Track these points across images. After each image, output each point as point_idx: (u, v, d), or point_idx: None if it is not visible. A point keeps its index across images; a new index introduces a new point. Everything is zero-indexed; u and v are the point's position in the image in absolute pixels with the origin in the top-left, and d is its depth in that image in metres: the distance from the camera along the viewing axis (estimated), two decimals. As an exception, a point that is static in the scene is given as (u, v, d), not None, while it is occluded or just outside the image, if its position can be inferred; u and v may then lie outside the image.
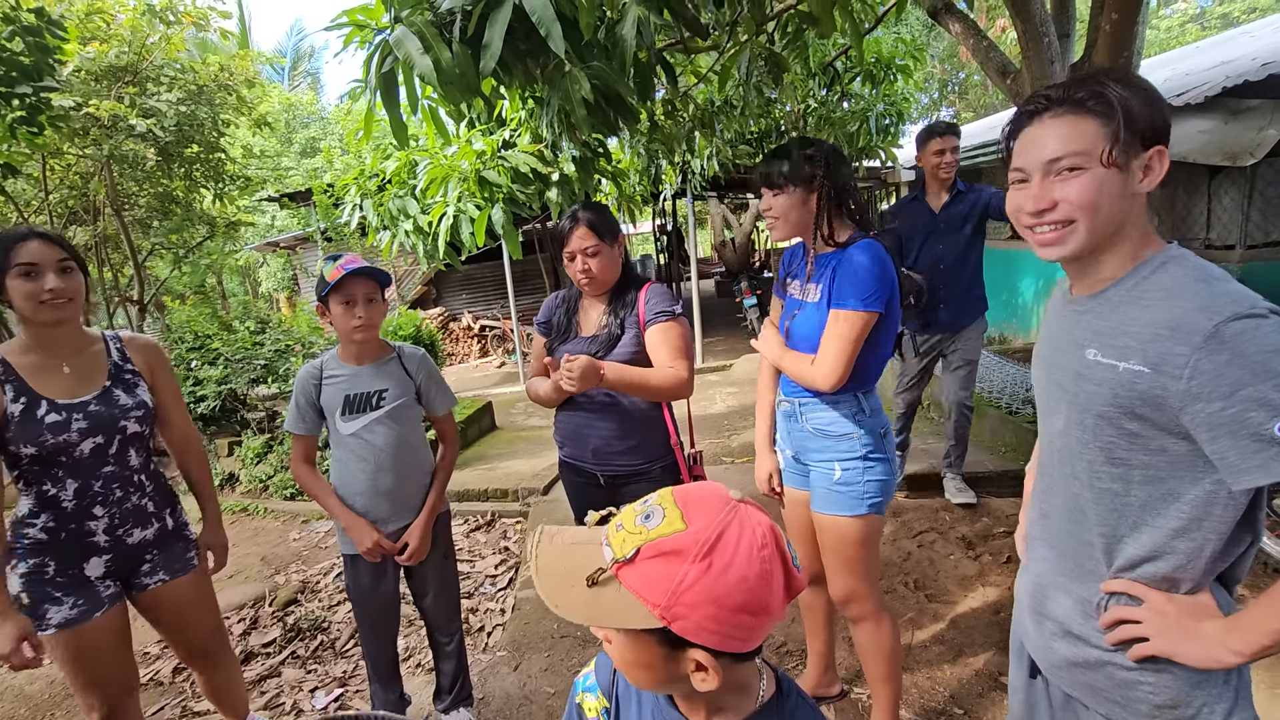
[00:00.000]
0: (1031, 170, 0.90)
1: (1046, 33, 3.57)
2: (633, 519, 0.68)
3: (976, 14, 7.92)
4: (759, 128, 6.06)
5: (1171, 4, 19.51)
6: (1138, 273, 0.89)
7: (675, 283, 11.46)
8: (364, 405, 1.86)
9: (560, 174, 3.29)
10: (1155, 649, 0.87)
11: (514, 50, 1.66)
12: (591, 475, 1.92)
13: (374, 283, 1.81)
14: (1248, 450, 0.77)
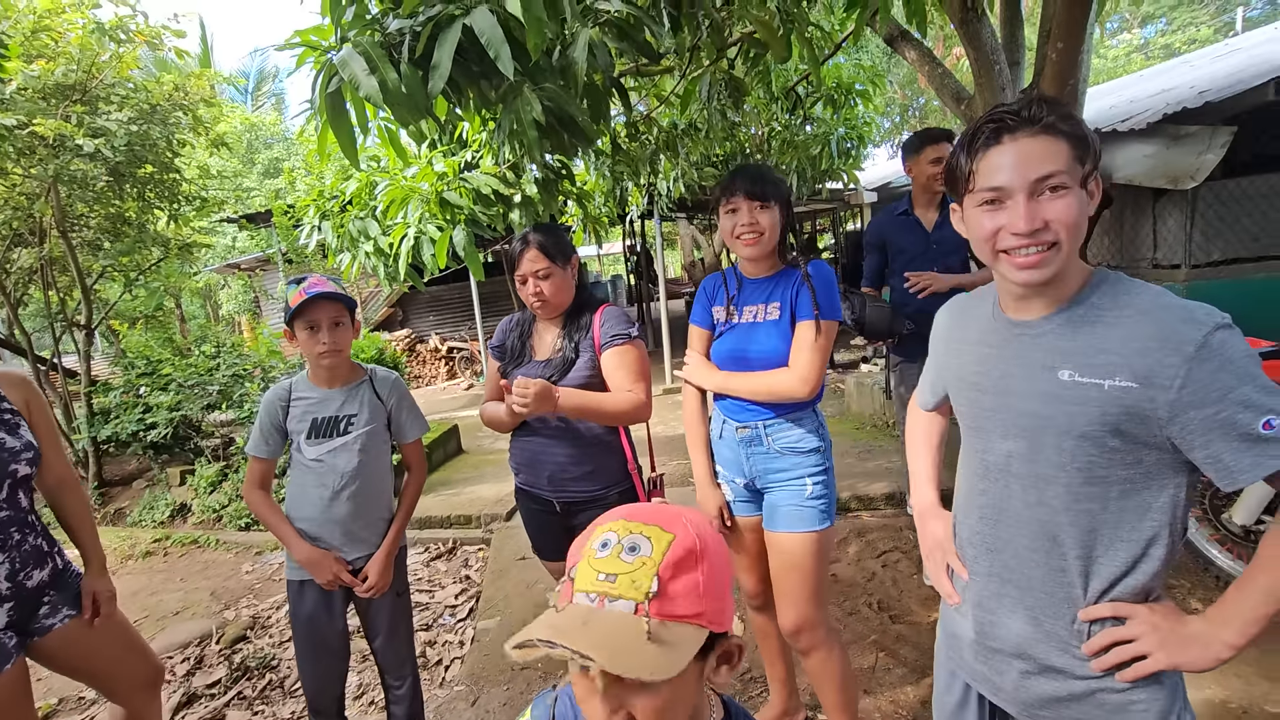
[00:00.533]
0: (1015, 188, 0.87)
1: (998, 61, 3.69)
2: (617, 561, 0.66)
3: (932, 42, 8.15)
4: (724, 150, 6.13)
5: (1117, 35, 20.47)
6: (1088, 293, 0.91)
7: (645, 303, 11.48)
8: (330, 430, 1.81)
9: (523, 195, 3.27)
10: (1160, 663, 0.87)
11: (465, 71, 1.64)
12: (547, 502, 1.87)
13: (339, 306, 1.75)
14: (1240, 450, 0.81)
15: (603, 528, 0.70)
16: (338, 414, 1.82)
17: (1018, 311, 0.97)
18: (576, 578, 0.66)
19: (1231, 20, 16.84)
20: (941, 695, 1.15)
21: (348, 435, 1.82)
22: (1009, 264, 0.90)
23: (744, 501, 1.79)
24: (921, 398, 1.26)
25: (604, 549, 0.67)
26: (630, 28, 1.86)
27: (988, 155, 0.89)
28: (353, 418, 1.83)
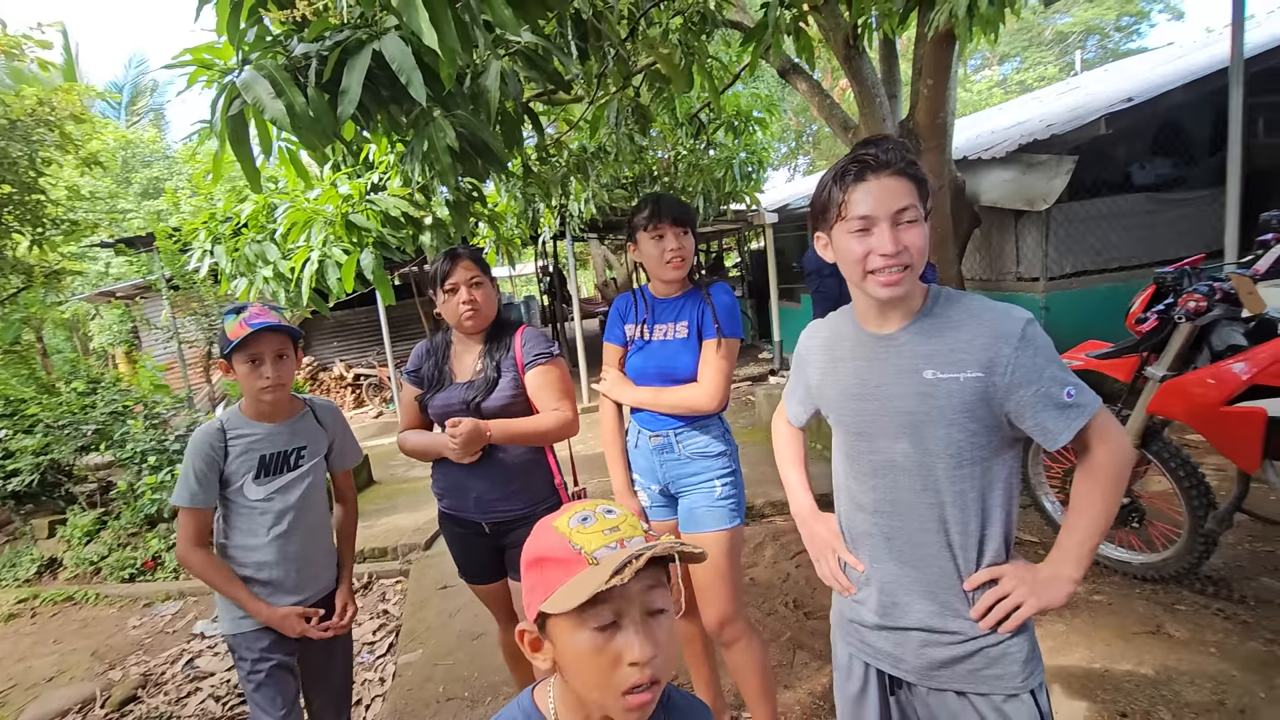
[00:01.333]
0: (880, 217, 1.01)
1: (878, 93, 4.03)
2: (605, 519, 0.76)
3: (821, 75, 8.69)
4: (633, 173, 6.31)
5: (980, 71, 22.63)
6: (930, 305, 1.09)
7: (559, 323, 11.48)
8: (281, 465, 1.73)
9: (434, 217, 3.24)
10: (1032, 608, 1.03)
11: (375, 96, 1.65)
12: (474, 525, 1.87)
13: (284, 338, 1.67)
14: (1055, 416, 1.01)
15: (568, 514, 0.77)
16: (287, 448, 1.74)
17: (879, 326, 1.12)
18: (584, 544, 0.72)
19: (1072, 61, 19.09)
20: (842, 682, 1.24)
21: (300, 469, 1.75)
22: (875, 282, 1.04)
23: (660, 507, 1.88)
24: (794, 415, 1.35)
25: (588, 520, 0.75)
26: (539, 57, 1.93)
27: (857, 189, 1.02)
28: (302, 450, 1.76)
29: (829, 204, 1.06)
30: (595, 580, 0.68)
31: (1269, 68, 4.49)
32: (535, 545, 0.77)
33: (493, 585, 1.96)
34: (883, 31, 3.97)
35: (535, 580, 0.75)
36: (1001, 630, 1.05)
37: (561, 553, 0.73)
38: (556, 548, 0.74)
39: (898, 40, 4.39)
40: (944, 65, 3.50)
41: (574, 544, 0.73)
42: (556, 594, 0.71)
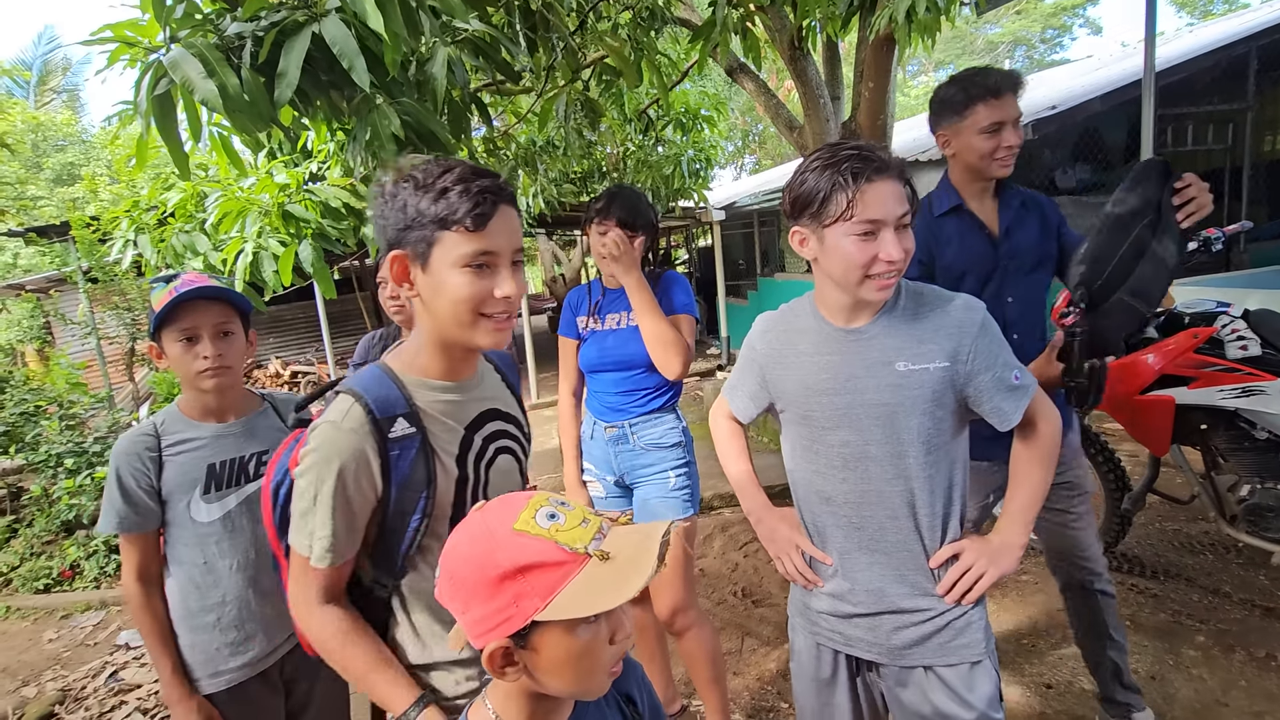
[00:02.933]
0: (888, 221, 1.00)
1: (822, 95, 4.13)
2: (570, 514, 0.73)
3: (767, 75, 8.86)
4: (582, 168, 6.29)
5: (917, 77, 23.48)
6: (895, 298, 1.12)
7: (507, 319, 11.33)
8: (238, 476, 1.39)
9: (376, 209, 3.15)
10: (993, 577, 1.10)
11: (315, 80, 1.59)
12: None
13: (226, 308, 1.36)
14: (1007, 398, 1.09)
15: (529, 511, 0.72)
16: (244, 452, 1.40)
17: (849, 321, 1.13)
18: (575, 542, 0.69)
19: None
20: (809, 674, 1.25)
21: (261, 479, 1.37)
22: (873, 286, 1.04)
23: (615, 498, 1.90)
24: (742, 411, 1.32)
25: (558, 518, 0.72)
26: (488, 46, 1.90)
27: (866, 190, 1.00)
28: (264, 455, 1.41)
29: (828, 201, 1.02)
30: (640, 572, 0.67)
31: (1177, 81, 4.82)
32: (504, 554, 0.69)
33: None
34: (826, 34, 4.07)
35: (516, 591, 0.68)
36: (965, 601, 1.11)
37: (553, 555, 0.68)
38: (543, 551, 0.68)
39: (840, 44, 4.51)
40: (884, 69, 3.61)
41: (564, 544, 0.69)
42: (568, 596, 0.66)
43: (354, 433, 0.89)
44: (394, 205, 0.89)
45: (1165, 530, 2.92)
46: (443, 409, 0.97)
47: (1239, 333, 1.86)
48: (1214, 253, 2.62)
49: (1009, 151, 1.54)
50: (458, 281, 0.88)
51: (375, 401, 0.91)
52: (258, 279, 2.82)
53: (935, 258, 1.66)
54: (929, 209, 1.69)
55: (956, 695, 1.10)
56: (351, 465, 0.88)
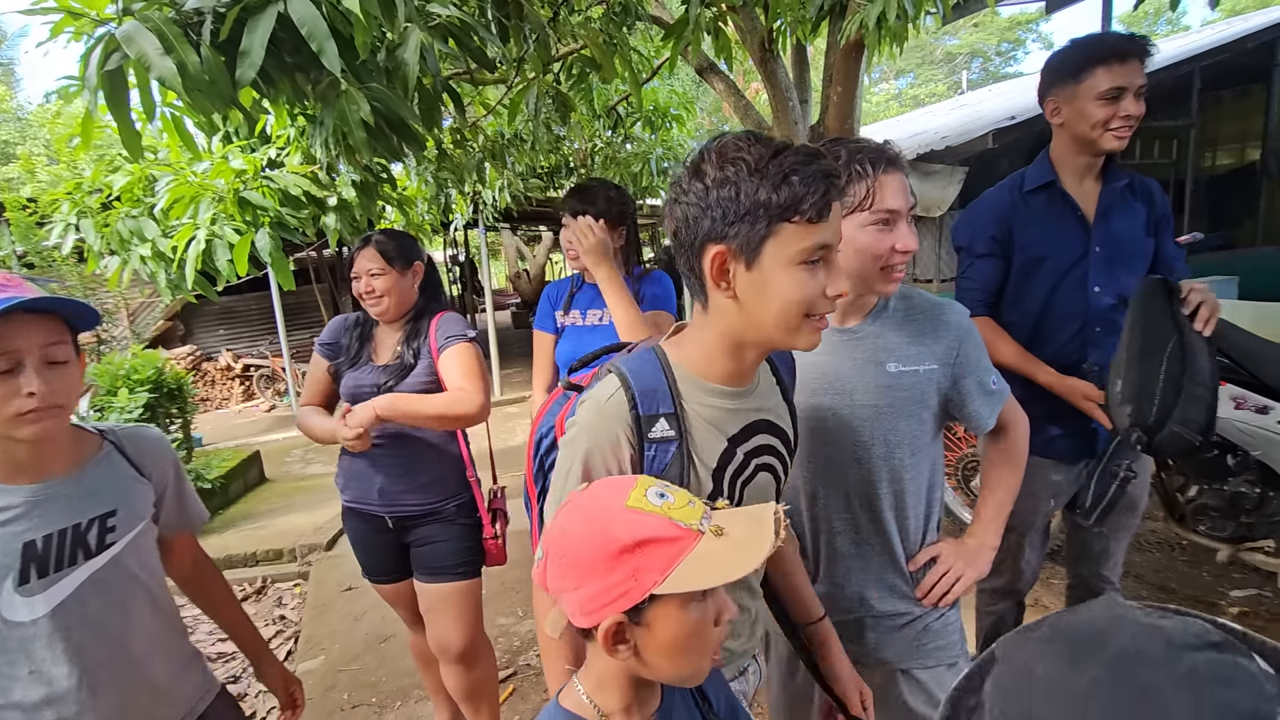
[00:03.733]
0: (903, 212, 1.02)
1: (790, 98, 4.16)
2: (679, 493, 0.74)
3: (735, 76, 8.97)
4: (549, 163, 6.23)
5: (879, 84, 23.98)
6: (886, 299, 1.12)
7: (470, 314, 11.17)
8: (70, 554, 1.01)
9: (338, 198, 3.06)
10: (971, 579, 1.12)
11: (279, 62, 1.53)
12: (378, 519, 1.78)
13: (58, 325, 0.99)
14: (984, 402, 1.11)
15: (639, 490, 0.73)
16: (78, 520, 1.02)
17: (842, 321, 1.12)
18: (684, 518, 0.70)
19: (959, 80, 20.58)
20: (785, 678, 1.25)
21: (106, 552, 1.04)
22: (887, 277, 1.04)
23: None
24: None
25: (667, 497, 0.72)
26: (460, 32, 1.85)
27: (884, 179, 1.01)
28: (110, 519, 1.05)
29: (844, 191, 1.01)
30: (760, 546, 0.68)
31: (1127, 97, 5.01)
32: (621, 529, 0.69)
33: (398, 585, 1.88)
34: (796, 38, 4.11)
35: (634, 565, 0.68)
36: (943, 604, 1.12)
37: (668, 531, 0.68)
38: (659, 527, 0.68)
39: (808, 48, 4.56)
40: (852, 74, 3.66)
41: (679, 520, 0.69)
42: (686, 571, 0.67)
43: (613, 419, 0.84)
44: (722, 193, 0.77)
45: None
46: (711, 415, 0.87)
47: (1189, 340, 1.94)
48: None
49: (1126, 123, 1.41)
50: (793, 280, 0.77)
51: (641, 393, 0.84)
52: (210, 267, 2.70)
53: (1014, 236, 1.56)
54: (1019, 184, 1.60)
55: (932, 697, 1.11)
56: (604, 448, 0.83)
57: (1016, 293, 1.59)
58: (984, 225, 1.60)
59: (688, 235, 0.81)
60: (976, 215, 1.62)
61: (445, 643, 1.79)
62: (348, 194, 3.02)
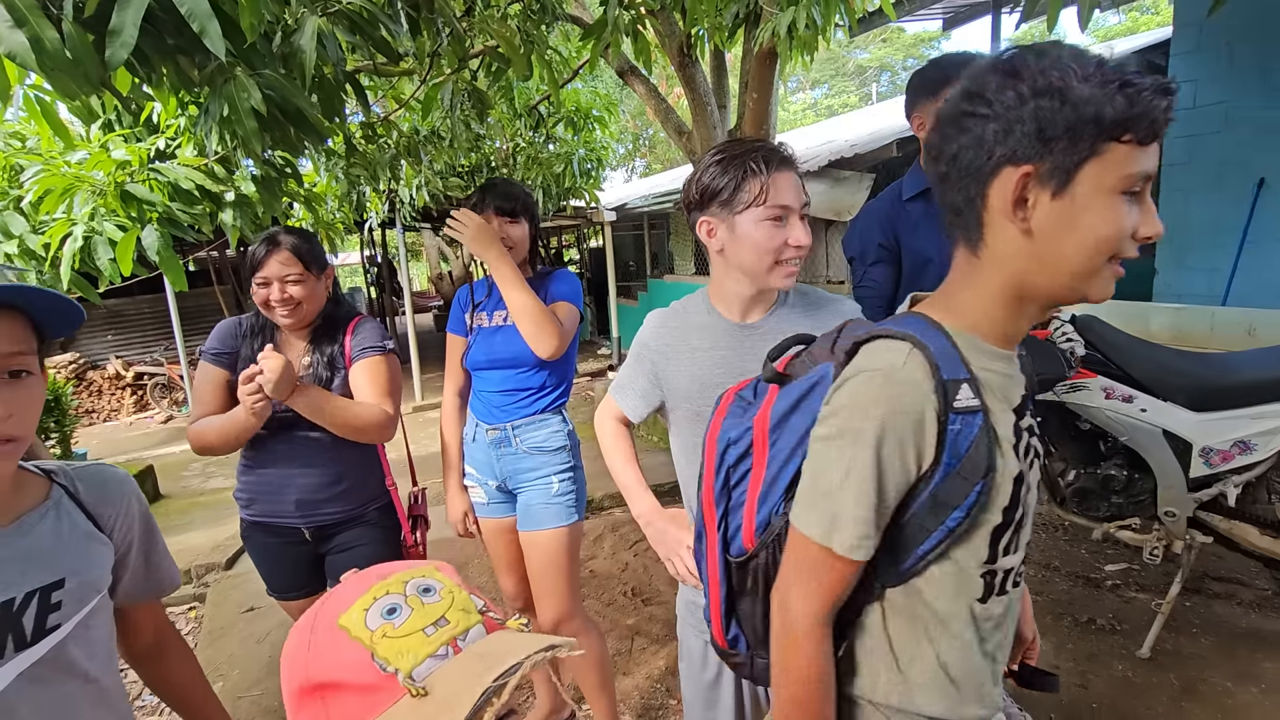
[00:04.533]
0: (795, 208, 1.05)
1: (709, 102, 4.24)
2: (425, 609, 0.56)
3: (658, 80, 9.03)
4: (469, 161, 6.08)
5: (796, 93, 24.87)
6: (785, 295, 1.17)
7: (389, 317, 10.77)
8: (2, 638, 0.75)
9: (237, 193, 2.87)
10: None
11: (159, 43, 1.42)
12: (293, 531, 1.68)
13: (22, 326, 0.76)
14: None
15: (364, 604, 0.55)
16: (11, 594, 0.76)
17: (744, 316, 1.16)
18: (397, 658, 0.52)
19: (870, 91, 21.63)
20: (697, 672, 1.26)
21: (48, 639, 0.78)
22: (781, 273, 1.08)
23: (498, 503, 1.83)
24: (633, 410, 1.30)
25: (396, 614, 0.54)
26: (364, 22, 1.78)
27: (777, 177, 1.04)
28: (54, 592, 0.79)
29: (740, 188, 1.05)
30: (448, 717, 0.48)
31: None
32: (315, 661, 0.54)
33: (312, 599, 1.78)
34: (713, 43, 4.20)
35: (314, 716, 0.53)
36: None
37: (363, 675, 0.51)
38: (353, 667, 0.52)
39: (727, 54, 4.67)
40: (767, 81, 3.77)
41: (381, 660, 0.52)
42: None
43: (913, 386, 0.68)
44: (1042, 103, 0.63)
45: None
46: (999, 383, 0.74)
47: (1068, 335, 2.10)
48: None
49: None
50: (1113, 211, 0.65)
51: (939, 355, 0.69)
52: (90, 267, 2.48)
53: (901, 242, 1.66)
54: (898, 194, 1.71)
55: None
56: (904, 430, 0.69)
57: (908, 294, 1.69)
58: (872, 234, 1.70)
59: (976, 157, 0.68)
60: (864, 226, 1.72)
61: None
62: (247, 189, 2.85)
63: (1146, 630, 2.17)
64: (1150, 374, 2.01)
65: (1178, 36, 4.65)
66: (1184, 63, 4.61)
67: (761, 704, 1.27)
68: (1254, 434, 1.88)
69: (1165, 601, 2.14)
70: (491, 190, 1.73)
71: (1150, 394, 2.01)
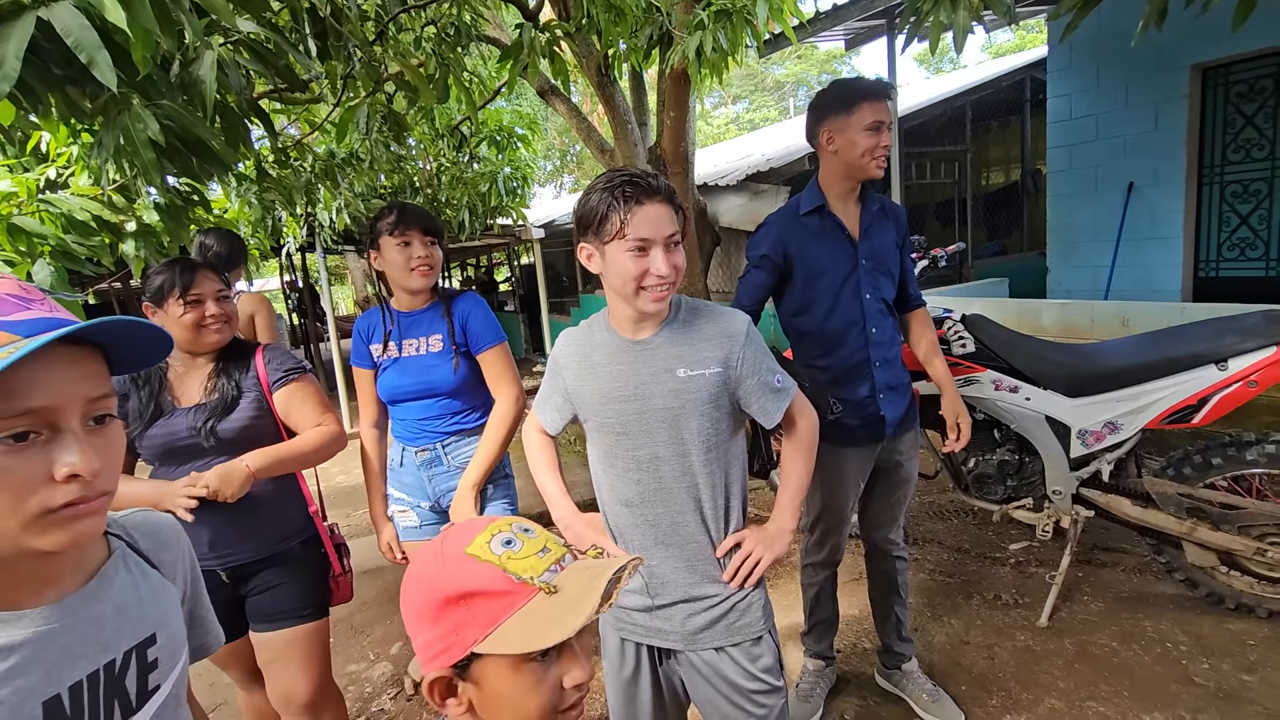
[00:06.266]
0: (656, 240, 1.11)
1: (629, 120, 4.35)
2: (530, 541, 0.70)
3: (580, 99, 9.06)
4: (391, 183, 5.99)
5: (719, 108, 25.55)
6: (675, 312, 1.25)
7: (313, 344, 10.39)
8: (107, 710, 0.68)
9: (139, 223, 2.76)
10: (769, 560, 1.24)
11: (44, 75, 1.38)
12: (208, 575, 1.61)
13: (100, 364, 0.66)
14: (770, 399, 1.24)
15: (485, 535, 0.69)
16: (112, 655, 0.69)
17: (635, 333, 1.24)
18: (525, 571, 0.66)
19: (788, 106, 22.49)
20: (615, 668, 1.33)
21: (152, 701, 0.72)
22: (647, 298, 1.15)
23: (430, 524, 1.84)
24: (550, 423, 1.39)
25: (514, 544, 0.68)
26: (269, 51, 1.77)
27: (637, 211, 1.11)
28: (149, 649, 0.73)
29: (605, 220, 1.12)
30: (581, 610, 0.63)
31: (916, 125, 5.77)
32: (449, 579, 0.66)
33: (233, 644, 1.71)
34: (631, 64, 4.32)
35: (457, 619, 0.65)
36: (747, 585, 1.24)
37: (498, 584, 0.65)
38: (489, 579, 0.65)
39: (646, 73, 4.81)
40: (683, 100, 3.91)
41: (513, 573, 0.66)
42: (511, 629, 0.63)
43: None
44: None
45: (921, 503, 3.45)
46: None
47: (959, 333, 2.28)
48: (940, 268, 3.16)
49: (884, 151, 1.69)
50: None
51: None
52: (-27, 305, 2.33)
53: (795, 256, 1.76)
54: (795, 209, 1.81)
55: (742, 669, 1.24)
56: None
57: (805, 304, 1.81)
58: (763, 244, 1.80)
59: None
60: (760, 234, 1.84)
61: (290, 693, 1.66)
62: (150, 218, 2.74)
63: (1044, 602, 2.36)
64: (1031, 365, 2.21)
65: (1052, 55, 5.09)
66: (1059, 79, 5.05)
67: (680, 696, 1.33)
68: (1119, 415, 2.09)
69: (1058, 574, 2.34)
70: (409, 209, 1.74)
71: (1033, 384, 2.20)
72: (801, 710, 2.02)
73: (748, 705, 1.24)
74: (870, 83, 1.69)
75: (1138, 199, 4.79)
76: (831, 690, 2.14)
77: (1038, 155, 6.66)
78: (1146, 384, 2.04)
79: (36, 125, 2.14)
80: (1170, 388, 2.00)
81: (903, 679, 2.05)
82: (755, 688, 1.23)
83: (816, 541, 1.99)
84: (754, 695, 1.24)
